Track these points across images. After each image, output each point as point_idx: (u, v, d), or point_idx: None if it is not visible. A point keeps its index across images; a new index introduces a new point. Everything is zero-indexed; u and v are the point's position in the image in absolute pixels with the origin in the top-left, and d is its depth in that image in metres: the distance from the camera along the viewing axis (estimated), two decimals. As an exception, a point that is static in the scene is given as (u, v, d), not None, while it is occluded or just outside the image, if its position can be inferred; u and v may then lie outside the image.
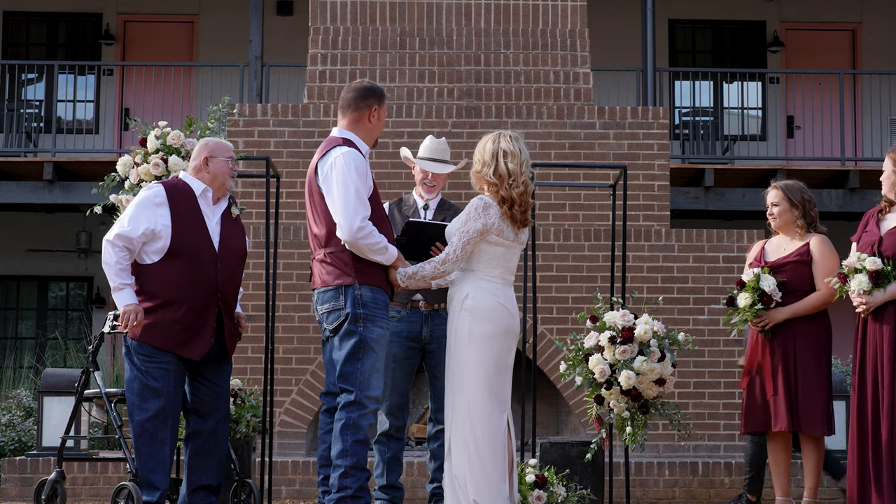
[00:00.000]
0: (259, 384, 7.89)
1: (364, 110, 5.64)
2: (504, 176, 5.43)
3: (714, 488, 8.54)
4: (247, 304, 7.79)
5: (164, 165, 6.48)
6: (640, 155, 9.39)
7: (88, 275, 15.89)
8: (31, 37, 16.75)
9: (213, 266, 5.76)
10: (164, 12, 16.30)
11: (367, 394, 5.41)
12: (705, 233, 9.18)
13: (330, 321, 5.48)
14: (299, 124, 9.37)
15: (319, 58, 9.68)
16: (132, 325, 5.58)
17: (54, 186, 13.80)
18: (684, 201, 13.62)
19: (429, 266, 5.46)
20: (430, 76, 9.64)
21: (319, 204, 5.51)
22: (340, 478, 5.37)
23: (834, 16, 16.40)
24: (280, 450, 8.64)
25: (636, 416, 6.16)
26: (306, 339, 8.86)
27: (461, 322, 5.42)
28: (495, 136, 5.53)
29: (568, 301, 8.95)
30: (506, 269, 5.49)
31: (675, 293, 9.01)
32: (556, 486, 5.89)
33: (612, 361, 6.10)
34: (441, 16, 9.84)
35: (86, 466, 8.42)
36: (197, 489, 5.84)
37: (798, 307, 6.33)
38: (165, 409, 5.65)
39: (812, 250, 6.41)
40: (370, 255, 5.43)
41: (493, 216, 5.41)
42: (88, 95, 16.17)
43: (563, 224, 9.18)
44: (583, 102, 9.60)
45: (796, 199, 6.51)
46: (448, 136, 9.08)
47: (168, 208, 5.72)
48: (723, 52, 16.75)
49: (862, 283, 5.90)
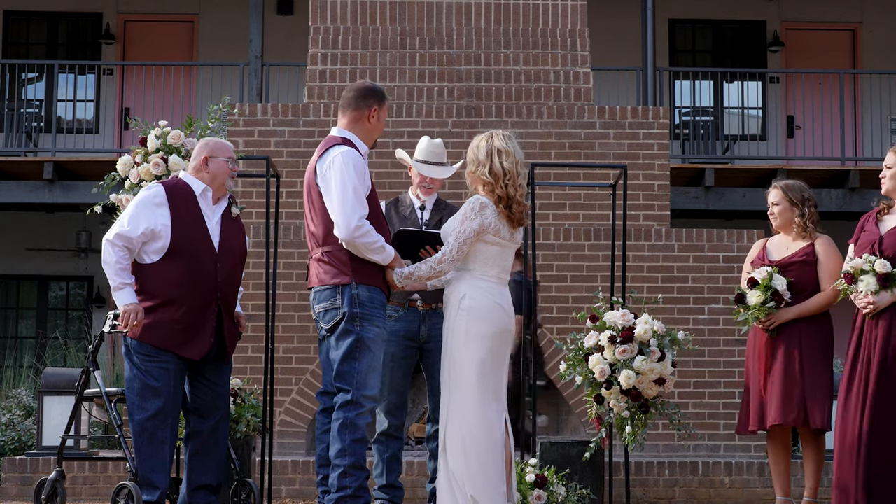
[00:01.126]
0: (259, 383, 7.89)
1: (364, 110, 5.64)
2: (500, 175, 5.43)
3: (714, 488, 8.54)
4: (247, 303, 7.78)
5: (164, 165, 6.48)
6: (640, 154, 9.39)
7: (88, 274, 15.89)
8: (31, 36, 16.75)
9: (212, 266, 5.76)
10: (164, 12, 16.30)
11: (364, 393, 5.41)
12: (705, 232, 9.18)
13: (327, 320, 5.48)
14: (299, 124, 9.37)
15: (319, 57, 9.68)
16: (132, 325, 5.58)
17: (54, 186, 13.80)
18: (684, 201, 13.62)
19: (425, 266, 5.46)
20: (430, 76, 9.64)
21: (317, 203, 5.51)
22: (339, 477, 5.37)
23: (834, 15, 16.40)
24: (280, 449, 8.64)
25: (636, 415, 6.16)
26: (306, 338, 8.86)
27: (458, 322, 5.41)
28: (488, 136, 5.52)
29: (568, 301, 8.94)
30: (501, 269, 5.50)
31: (675, 293, 9.00)
32: (556, 485, 5.89)
33: (612, 361, 6.10)
34: (441, 15, 9.84)
35: (86, 466, 8.42)
36: (197, 488, 5.84)
37: (804, 307, 6.36)
38: (165, 409, 5.65)
39: (818, 251, 6.44)
40: (367, 255, 5.42)
41: (490, 216, 5.41)
42: (89, 95, 16.18)
43: (563, 224, 9.18)
44: (583, 102, 9.60)
45: (796, 199, 6.53)
46: (448, 135, 9.08)
47: (168, 208, 5.72)
48: (723, 52, 16.75)
49: (870, 285, 5.93)
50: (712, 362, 8.98)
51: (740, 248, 9.07)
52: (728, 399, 8.92)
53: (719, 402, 8.95)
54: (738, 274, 8.89)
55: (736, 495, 8.51)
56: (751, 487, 8.52)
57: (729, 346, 8.95)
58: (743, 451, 8.87)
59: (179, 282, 5.68)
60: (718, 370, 8.98)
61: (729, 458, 8.74)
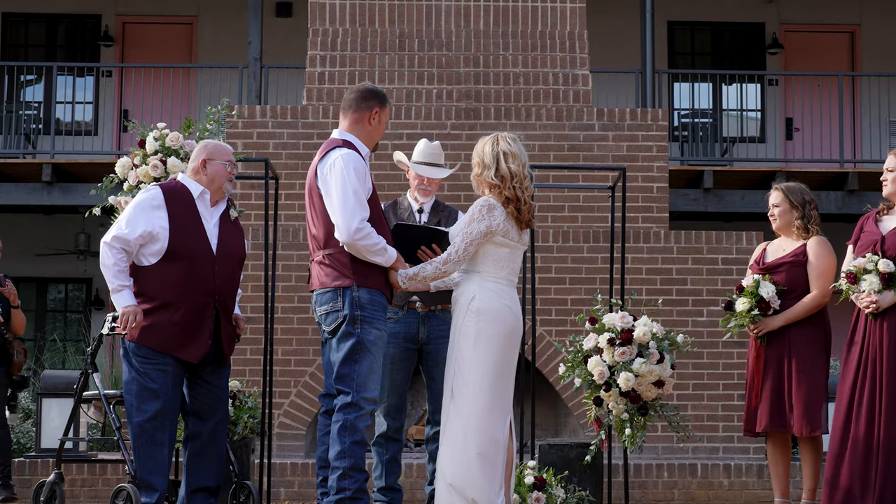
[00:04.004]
0: (258, 386, 7.89)
1: (364, 112, 5.64)
2: (507, 177, 5.42)
3: (713, 490, 8.55)
4: (245, 305, 7.78)
5: (162, 167, 6.48)
6: (639, 157, 9.39)
7: (87, 276, 15.88)
8: (30, 38, 16.75)
9: (210, 268, 5.76)
10: (163, 14, 16.30)
11: (364, 395, 5.41)
12: (704, 234, 9.18)
13: (328, 323, 5.48)
14: (298, 126, 9.36)
15: (318, 59, 9.68)
16: (131, 327, 5.58)
17: (53, 188, 13.80)
18: (683, 203, 13.62)
19: (430, 266, 5.44)
20: (429, 78, 9.64)
21: (318, 205, 5.51)
22: (339, 479, 5.37)
23: (833, 18, 16.41)
24: (279, 451, 8.64)
25: (635, 417, 6.16)
26: (305, 340, 8.86)
27: (467, 323, 5.39)
28: (493, 139, 5.51)
29: (567, 303, 8.94)
30: (511, 271, 5.48)
31: (674, 295, 9.01)
32: (555, 487, 5.90)
33: (611, 363, 6.10)
34: (440, 17, 9.84)
35: (84, 468, 8.42)
36: (196, 491, 5.83)
37: (791, 313, 6.36)
38: (164, 411, 5.65)
39: (808, 251, 6.44)
40: (369, 257, 5.42)
41: (498, 217, 5.40)
42: (87, 97, 16.18)
43: (562, 226, 9.18)
44: (582, 104, 9.60)
45: (797, 201, 6.53)
46: (447, 137, 9.09)
47: (166, 210, 5.71)
48: (722, 54, 16.76)
49: (873, 284, 5.93)
50: (711, 364, 8.98)
51: (739, 250, 9.07)
52: (727, 401, 8.92)
53: (718, 405, 8.95)
54: (737, 276, 8.90)
55: (735, 497, 8.51)
56: (750, 489, 8.53)
57: (728, 348, 8.95)
58: (742, 453, 8.87)
59: (177, 284, 5.67)
60: (717, 372, 8.98)
61: (728, 461, 8.74)
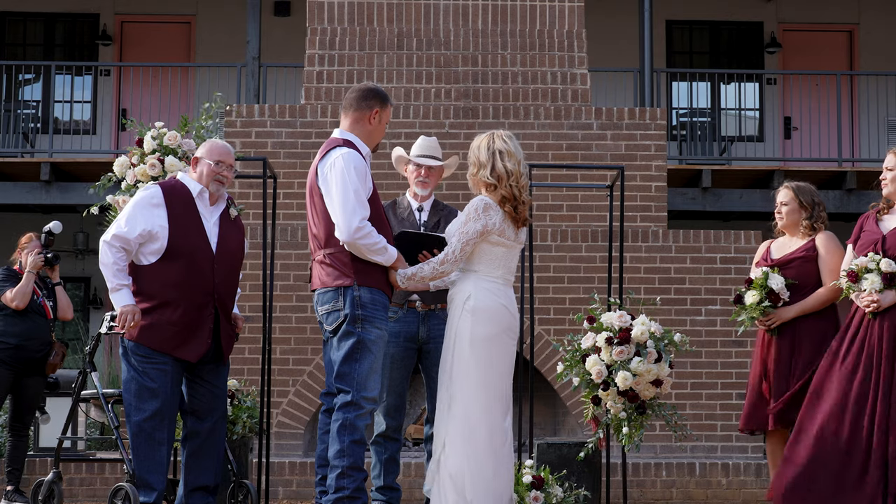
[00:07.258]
0: (256, 385, 7.89)
1: (365, 111, 5.64)
2: (503, 176, 5.41)
3: (711, 489, 8.55)
4: (244, 304, 7.78)
5: (160, 166, 6.47)
6: (637, 156, 9.39)
7: (86, 275, 15.87)
8: (28, 37, 16.74)
9: (210, 267, 5.75)
10: (161, 13, 16.29)
11: (364, 394, 5.41)
12: (703, 234, 9.18)
13: (329, 322, 5.48)
14: (297, 125, 9.36)
15: (317, 58, 9.68)
16: (129, 326, 5.58)
17: (51, 187, 13.79)
18: (682, 202, 13.62)
19: (428, 267, 5.45)
20: (427, 77, 9.64)
21: (319, 205, 5.51)
22: (337, 478, 5.37)
23: (831, 17, 16.41)
24: (277, 450, 8.64)
25: (633, 416, 6.16)
26: (303, 339, 8.86)
27: (463, 323, 5.39)
28: (489, 137, 5.50)
29: (565, 302, 8.95)
30: (507, 270, 5.48)
31: (673, 294, 9.01)
32: (553, 486, 5.89)
33: (609, 362, 6.10)
34: (438, 16, 9.84)
35: (83, 467, 8.42)
36: (194, 490, 5.83)
37: (805, 304, 6.34)
38: (162, 410, 5.64)
39: (818, 246, 6.43)
40: (369, 256, 5.42)
41: (494, 217, 5.39)
42: (85, 96, 16.16)
43: (560, 225, 9.18)
44: (580, 103, 9.60)
45: (806, 201, 6.51)
46: (445, 136, 9.09)
47: (165, 209, 5.70)
48: (720, 53, 16.76)
49: (875, 283, 5.93)
50: (709, 363, 8.98)
51: (737, 249, 9.07)
52: (725, 400, 8.93)
53: (716, 404, 8.95)
54: (736, 275, 8.91)
55: (733, 496, 8.51)
56: (748, 488, 8.53)
57: (726, 347, 8.95)
58: (740, 452, 8.87)
59: (177, 283, 5.67)
60: (716, 371, 8.98)
61: (726, 460, 8.74)
